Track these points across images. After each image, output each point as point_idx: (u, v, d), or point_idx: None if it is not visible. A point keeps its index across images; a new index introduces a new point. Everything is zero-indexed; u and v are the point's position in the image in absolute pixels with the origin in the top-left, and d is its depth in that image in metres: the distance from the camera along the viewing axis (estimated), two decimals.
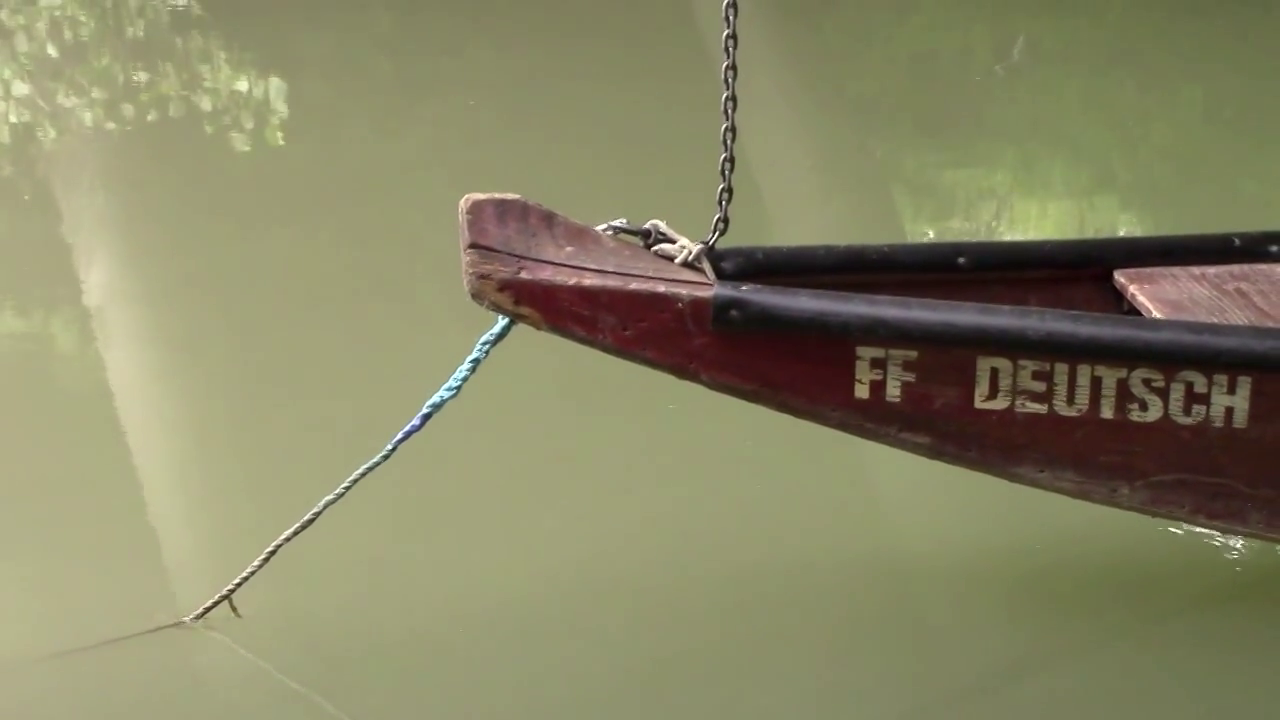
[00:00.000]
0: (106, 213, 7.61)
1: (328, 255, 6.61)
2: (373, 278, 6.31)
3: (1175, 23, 10.23)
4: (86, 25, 10.39)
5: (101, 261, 6.96)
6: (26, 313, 6.31)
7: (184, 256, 6.65)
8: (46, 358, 5.95)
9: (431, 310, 5.73)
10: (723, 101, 3.48)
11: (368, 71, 9.52)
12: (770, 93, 9.24)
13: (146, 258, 6.89)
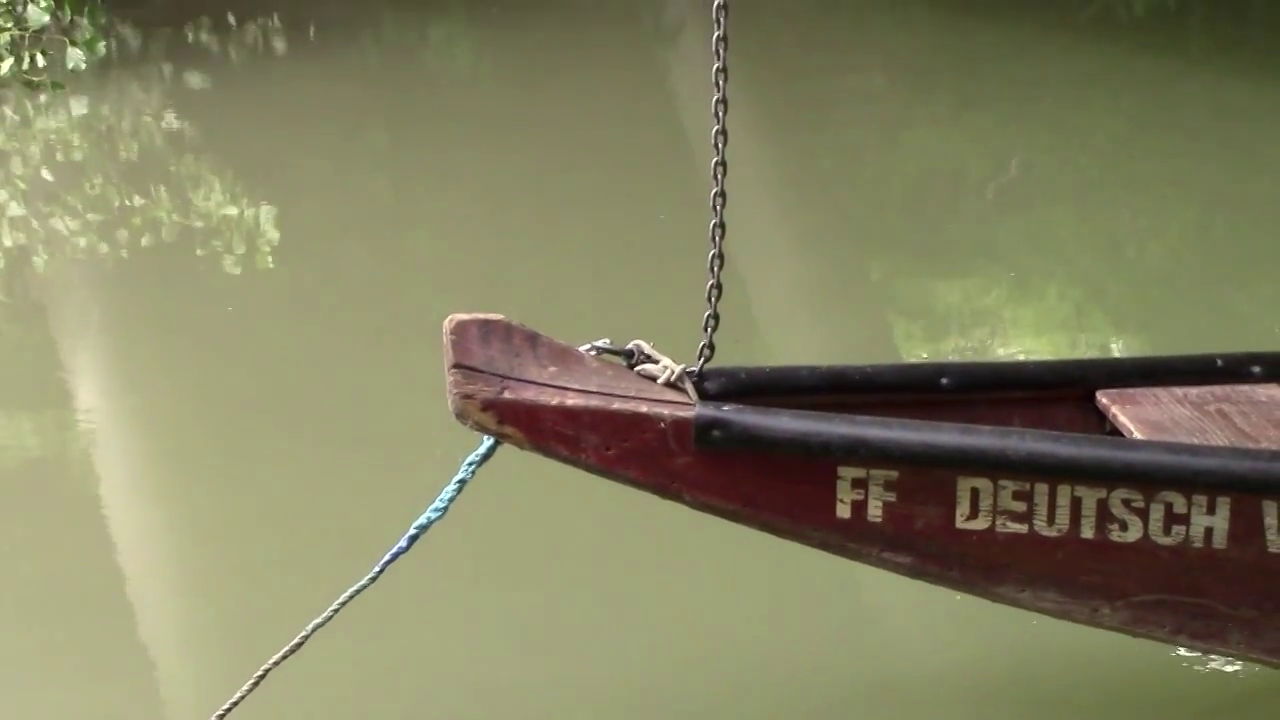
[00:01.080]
0: (98, 335, 7.70)
1: (316, 375, 6.69)
2: (362, 397, 6.38)
3: (1167, 143, 10.37)
4: (80, 149, 10.54)
5: (92, 383, 7.04)
6: (19, 432, 6.38)
7: (174, 378, 6.73)
8: (37, 476, 6.02)
9: (421, 429, 5.80)
10: (710, 228, 3.57)
11: (362, 192, 9.64)
12: (764, 213, 9.37)
13: (137, 379, 6.97)
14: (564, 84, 11.71)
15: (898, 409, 3.69)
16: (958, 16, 13.51)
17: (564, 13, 14.14)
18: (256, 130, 10.68)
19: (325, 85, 11.73)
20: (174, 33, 12.60)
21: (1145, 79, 11.62)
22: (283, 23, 13.15)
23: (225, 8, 12.94)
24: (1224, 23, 13.44)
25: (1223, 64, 11.95)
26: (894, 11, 14.05)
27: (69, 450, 6.32)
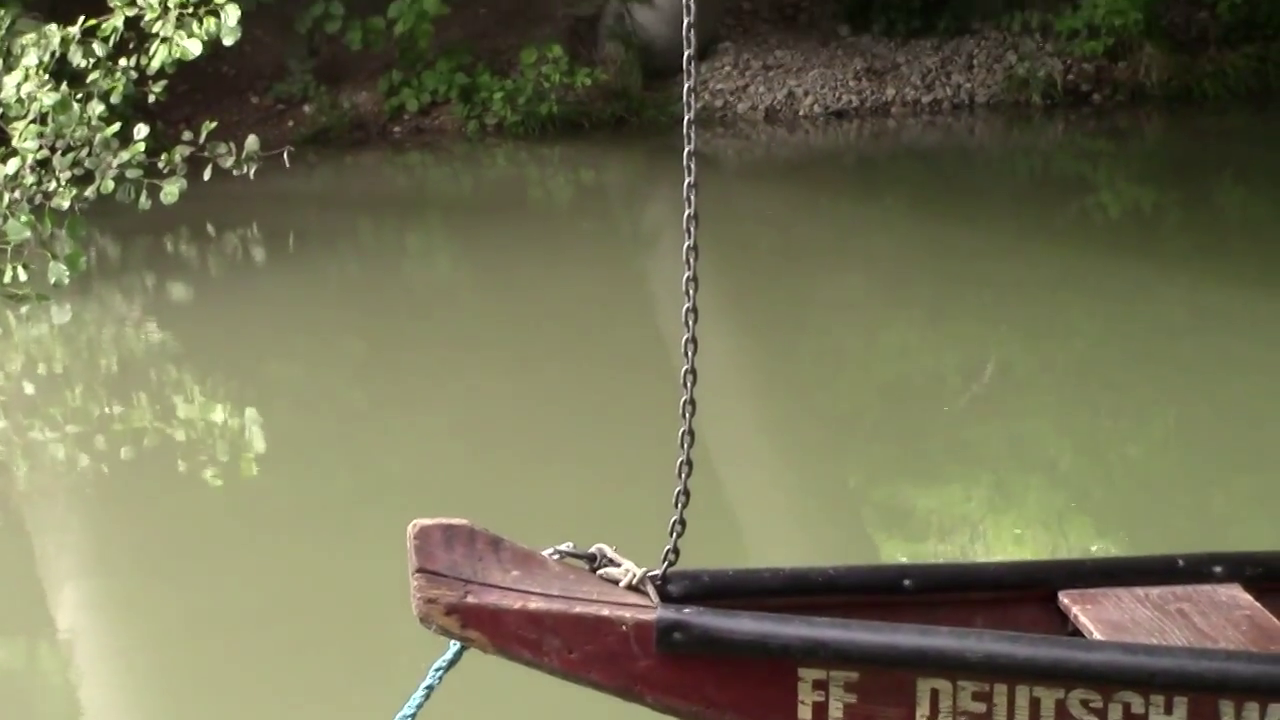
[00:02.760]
0: (78, 547, 7.79)
1: (287, 582, 6.78)
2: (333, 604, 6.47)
3: (1145, 345, 10.54)
4: (61, 360, 10.69)
5: (72, 596, 7.12)
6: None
7: (154, 589, 6.81)
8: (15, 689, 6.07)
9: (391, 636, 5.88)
10: (679, 435, 3.71)
11: (339, 399, 9.79)
12: (741, 415, 9.52)
13: (117, 591, 7.05)
14: (541, 290, 11.91)
15: (860, 610, 3.79)
16: (935, 221, 13.80)
17: (542, 220, 14.44)
18: (236, 339, 10.86)
19: (304, 293, 11.93)
20: (154, 242, 12.83)
21: (1122, 281, 11.84)
22: (261, 232, 13.40)
23: (204, 218, 13.18)
24: (1199, 226, 13.71)
25: (1199, 266, 12.18)
26: (872, 216, 14.35)
27: (48, 669, 6.38)
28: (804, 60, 17.08)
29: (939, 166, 16.01)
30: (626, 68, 16.64)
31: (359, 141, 16.16)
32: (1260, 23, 17.14)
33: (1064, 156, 16.42)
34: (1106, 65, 16.95)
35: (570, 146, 16.05)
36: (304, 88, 16.26)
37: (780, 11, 18.05)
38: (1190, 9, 17.59)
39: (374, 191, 15.21)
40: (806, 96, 16.75)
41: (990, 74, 16.96)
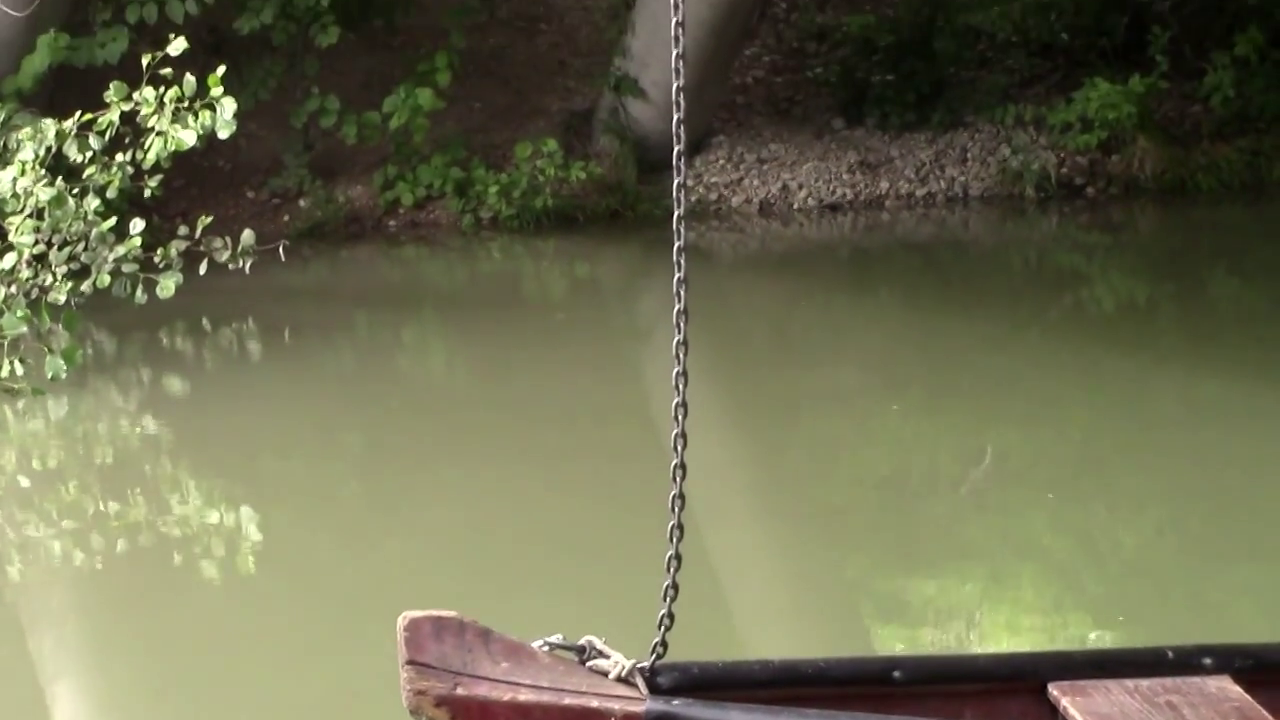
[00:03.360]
0: (73, 643, 7.83)
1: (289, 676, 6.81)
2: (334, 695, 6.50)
3: (1140, 436, 10.62)
4: (57, 455, 10.75)
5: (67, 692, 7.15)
6: None
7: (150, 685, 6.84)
8: None
9: None
10: (669, 529, 3.76)
11: (335, 495, 9.85)
12: (735, 506, 9.59)
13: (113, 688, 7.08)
14: (536, 383, 12.01)
15: (850, 702, 3.84)
16: (929, 313, 13.91)
17: (537, 313, 14.54)
18: (232, 433, 10.92)
19: (300, 387, 12.01)
20: (149, 337, 12.91)
21: (1117, 373, 11.95)
22: (257, 326, 13.49)
23: (200, 312, 13.27)
24: (1194, 318, 13.83)
25: (1193, 358, 12.28)
26: (866, 308, 14.46)
27: None
28: (798, 153, 17.23)
29: (933, 259, 16.13)
30: (621, 161, 16.78)
31: (354, 235, 16.27)
32: (1253, 116, 17.31)
33: (1058, 249, 16.55)
34: (1100, 158, 17.10)
35: (565, 240, 16.17)
36: (299, 182, 16.40)
37: (774, 105, 18.22)
38: (1183, 103, 17.76)
39: (369, 285, 15.31)
40: (800, 189, 16.90)
41: (984, 167, 17.12)
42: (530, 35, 18.67)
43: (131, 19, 15.46)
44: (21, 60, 15.01)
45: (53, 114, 13.10)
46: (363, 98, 16.90)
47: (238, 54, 16.20)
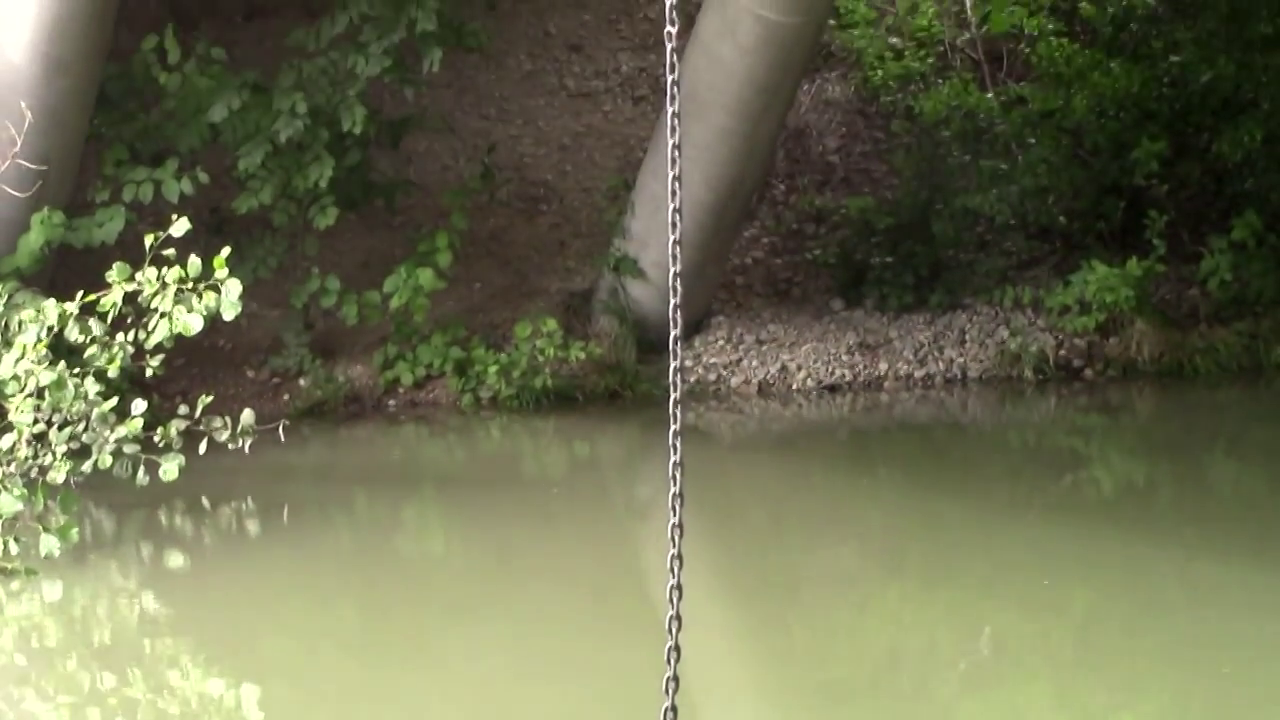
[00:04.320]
0: None
1: None
2: None
3: (1139, 618, 10.73)
4: (55, 634, 10.87)
5: None
6: None
7: None
8: None
9: None
10: (662, 711, 3.90)
11: (335, 672, 9.98)
12: (734, 685, 9.69)
13: None
14: (535, 562, 12.17)
15: None
16: (928, 494, 14.07)
17: (536, 493, 14.70)
18: (231, 611, 11.06)
19: (299, 565, 12.15)
20: (148, 515, 13.08)
21: (1115, 555, 12.08)
22: (256, 505, 13.66)
23: (199, 491, 13.44)
24: (1192, 500, 13.99)
25: (1192, 540, 12.43)
26: (864, 488, 14.63)
27: None
28: (797, 334, 17.46)
29: (932, 440, 16.32)
30: (620, 341, 17.01)
31: (354, 414, 16.49)
32: (1250, 300, 17.55)
33: (1056, 431, 16.73)
34: (1098, 341, 17.33)
35: (564, 419, 16.38)
36: (300, 361, 16.64)
37: (773, 286, 18.48)
38: (1180, 286, 18.02)
39: (369, 464, 15.49)
40: (799, 370, 17.11)
41: (983, 349, 17.33)
42: (531, 216, 19.01)
43: (127, 198, 15.80)
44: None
45: (54, 293, 13.36)
46: (363, 277, 17.19)
47: (238, 233, 16.52)
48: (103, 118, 16.28)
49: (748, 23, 15.66)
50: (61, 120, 15.41)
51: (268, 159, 16.00)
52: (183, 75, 16.34)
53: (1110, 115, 18.81)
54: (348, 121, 15.91)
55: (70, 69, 15.29)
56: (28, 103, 14.80)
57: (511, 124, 20.01)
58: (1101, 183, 18.61)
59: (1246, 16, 18.67)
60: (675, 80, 4.24)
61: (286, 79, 16.19)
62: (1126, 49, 19.69)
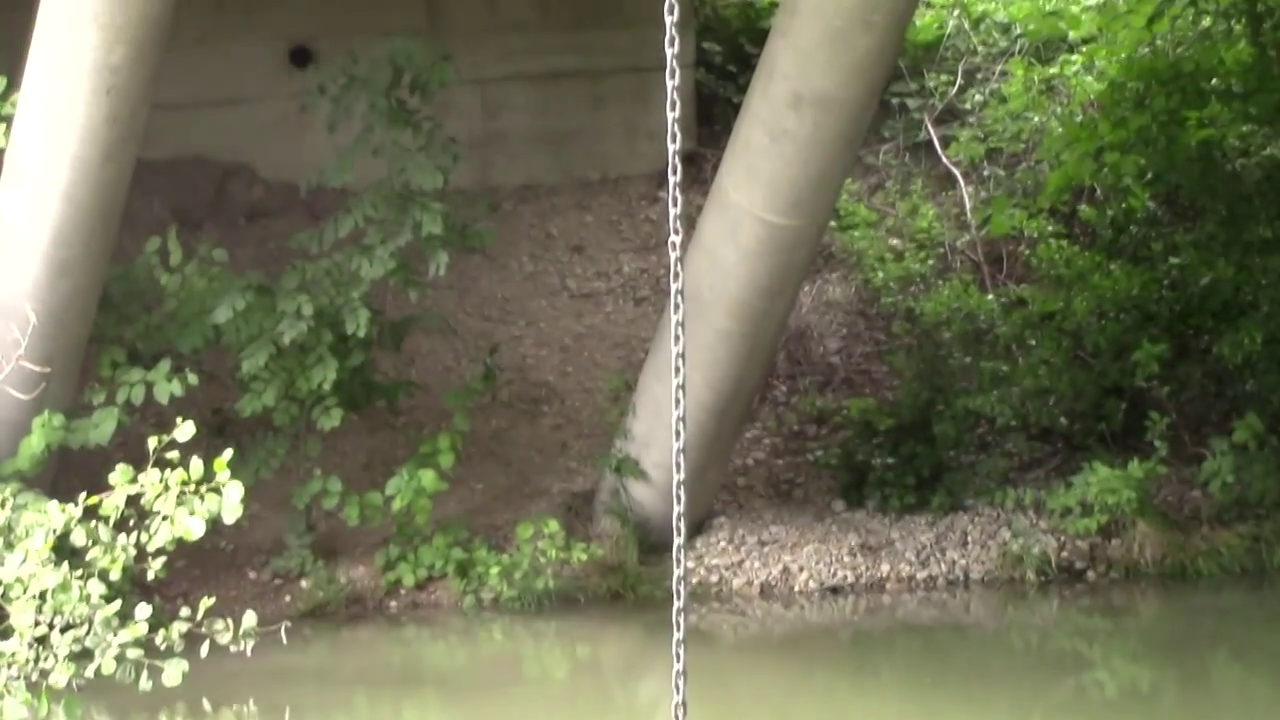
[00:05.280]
0: None
1: None
2: None
3: None
4: None
5: None
6: None
7: None
8: None
9: None
10: None
11: None
12: None
13: None
14: None
15: None
16: (931, 696, 14.26)
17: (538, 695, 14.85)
18: None
19: None
20: (150, 719, 13.23)
21: None
22: (258, 708, 13.88)
23: (200, 693, 13.60)
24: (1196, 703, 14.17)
25: None
26: (867, 691, 14.81)
27: None
28: (799, 536, 17.66)
29: (935, 643, 16.46)
30: (622, 543, 17.20)
31: (355, 616, 16.64)
32: (1253, 502, 17.75)
33: (1059, 633, 16.88)
34: (1100, 543, 17.50)
35: (566, 621, 16.54)
36: (301, 563, 16.83)
37: (775, 487, 18.70)
38: (1182, 487, 18.23)
39: (371, 666, 15.64)
40: (801, 572, 17.29)
41: (985, 550, 17.51)
42: (533, 417, 19.31)
43: (120, 399, 16.02)
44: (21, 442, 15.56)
45: (56, 494, 13.64)
46: (364, 478, 17.45)
47: (240, 434, 16.79)
48: (105, 319, 16.58)
49: (749, 225, 16.04)
50: (64, 323, 15.72)
51: (271, 361, 16.25)
52: (183, 276, 16.67)
53: (1111, 317, 19.19)
54: (351, 324, 16.20)
55: (74, 272, 15.60)
56: (31, 305, 15.17)
57: (514, 325, 20.40)
58: (1102, 384, 18.89)
59: (1245, 220, 19.12)
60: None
61: (290, 280, 16.51)
62: (1126, 251, 20.15)
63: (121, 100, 14.90)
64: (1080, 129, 20.13)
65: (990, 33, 24.39)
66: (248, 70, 22.02)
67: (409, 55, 16.51)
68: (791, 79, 15.27)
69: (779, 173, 15.70)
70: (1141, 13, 19.94)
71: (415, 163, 16.41)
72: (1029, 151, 22.27)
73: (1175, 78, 19.60)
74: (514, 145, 22.92)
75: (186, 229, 18.39)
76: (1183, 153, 19.22)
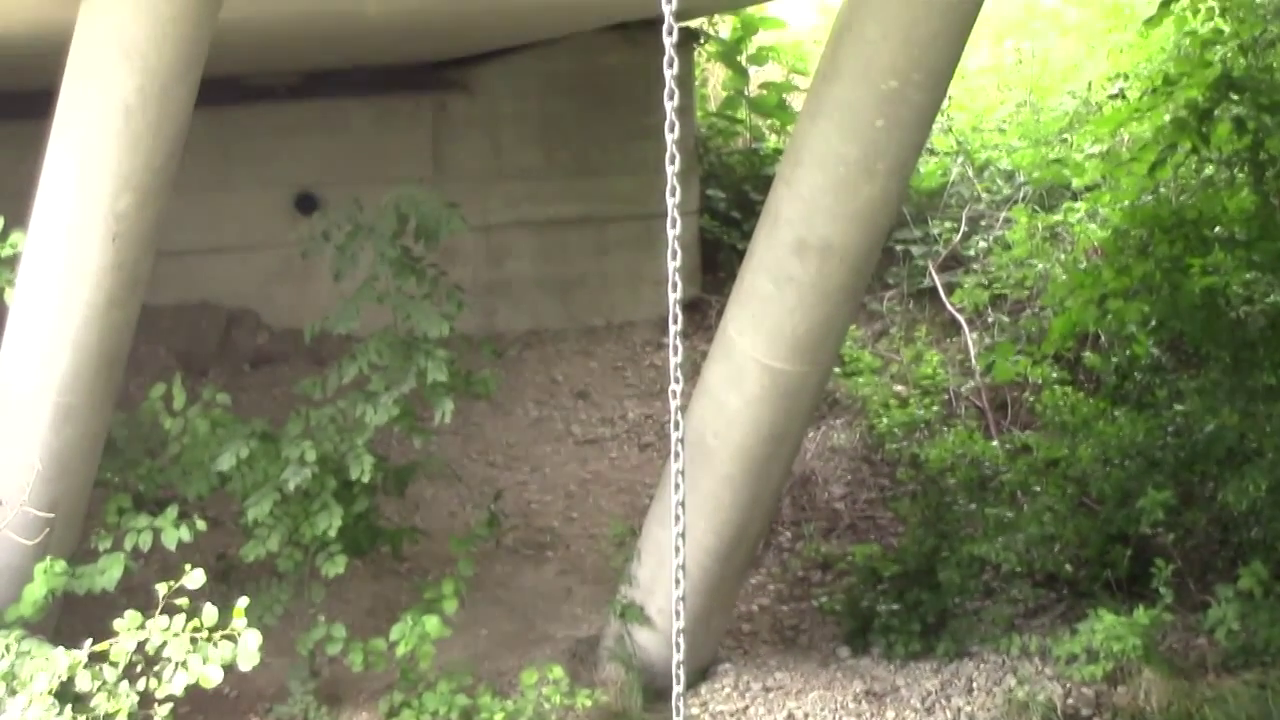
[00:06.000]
0: None
1: None
2: None
3: None
4: None
5: None
6: None
7: None
8: None
9: None
10: None
11: None
12: None
13: None
14: None
15: None
16: None
17: None
18: None
19: None
20: None
21: None
22: None
23: None
24: None
25: None
26: None
27: None
28: (804, 682, 17.75)
29: None
30: (627, 689, 17.27)
31: None
32: (1259, 649, 17.84)
33: None
34: (1106, 689, 17.57)
35: None
36: (305, 709, 16.93)
37: (780, 634, 18.82)
38: (1188, 635, 18.34)
39: None
40: (807, 719, 17.34)
41: (990, 697, 17.60)
42: (537, 563, 19.46)
43: (128, 546, 16.18)
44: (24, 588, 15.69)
45: (59, 639, 13.76)
46: (368, 624, 17.57)
47: (244, 580, 16.92)
48: (109, 464, 16.76)
49: (754, 371, 16.26)
50: (68, 468, 15.88)
51: (275, 507, 16.42)
52: (185, 420, 16.86)
53: (1115, 464, 19.39)
54: (356, 470, 16.39)
55: (78, 417, 15.76)
56: (36, 450, 15.35)
57: (518, 470, 20.61)
58: (1108, 531, 19.06)
59: (1250, 367, 19.35)
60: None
61: (294, 427, 16.72)
62: (1131, 398, 20.40)
63: (127, 247, 15.12)
64: (1084, 276, 20.44)
65: (994, 180, 24.84)
66: (253, 217, 22.43)
67: (415, 203, 16.80)
68: (795, 225, 15.56)
69: (783, 319, 15.95)
70: (1144, 160, 20.29)
71: (420, 310, 16.65)
72: (1033, 298, 22.62)
73: (1178, 225, 19.93)
74: (518, 291, 23.28)
75: (192, 374, 18.66)
76: (1186, 300, 19.50)
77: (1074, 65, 26.02)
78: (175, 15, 14.09)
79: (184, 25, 14.15)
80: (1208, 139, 19.43)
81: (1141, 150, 20.66)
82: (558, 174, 23.46)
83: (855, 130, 14.99)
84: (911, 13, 14.37)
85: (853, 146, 15.02)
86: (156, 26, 14.07)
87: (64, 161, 15.09)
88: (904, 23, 14.40)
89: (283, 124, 22.71)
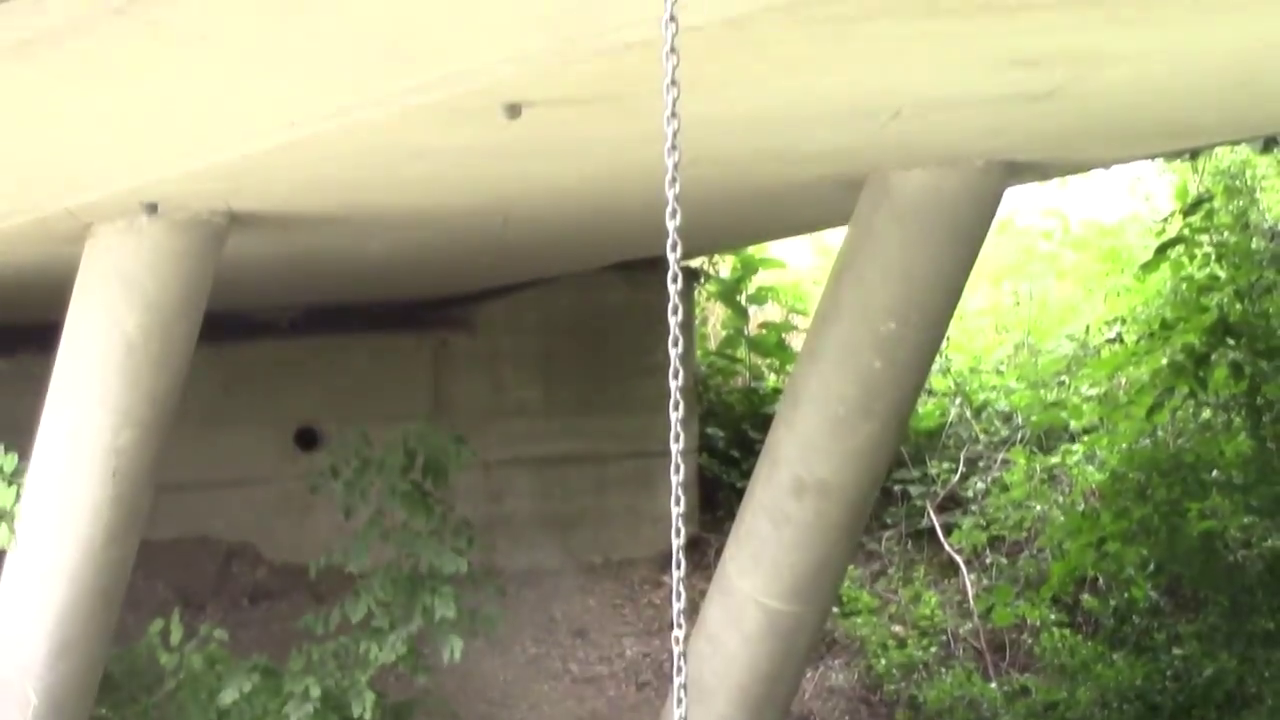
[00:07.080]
0: None
1: None
2: None
3: None
4: None
5: None
6: None
7: None
8: None
9: None
10: None
11: None
12: None
13: None
14: None
15: None
16: None
17: None
18: None
19: None
20: None
21: None
22: None
23: None
24: None
25: None
26: None
27: None
28: None
29: None
30: None
31: None
32: None
33: None
34: None
35: None
36: None
37: None
38: None
39: None
40: None
41: None
42: None
43: None
44: None
45: None
46: None
47: None
48: (105, 700, 16.74)
49: (751, 610, 16.36)
50: (63, 703, 15.88)
51: None
52: (181, 655, 16.87)
53: (1114, 707, 19.46)
54: (358, 707, 16.41)
55: (74, 652, 15.80)
56: (31, 685, 15.36)
57: (516, 708, 20.62)
58: None
59: (1248, 612, 19.50)
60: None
61: (297, 663, 16.75)
62: (1129, 641, 20.51)
63: (127, 482, 15.25)
64: (1082, 519, 20.66)
65: (992, 421, 25.12)
66: (253, 452, 22.64)
67: (422, 438, 16.99)
68: (794, 465, 15.76)
69: (781, 558, 16.09)
70: (1142, 404, 20.60)
71: (430, 546, 16.73)
72: (1031, 540, 22.79)
73: (1176, 469, 20.19)
74: (517, 528, 23.43)
75: (190, 610, 18.74)
76: (1184, 544, 19.69)
77: (1071, 307, 26.44)
78: (179, 251, 14.40)
79: (188, 261, 14.45)
80: (1205, 383, 19.77)
81: (1139, 394, 20.99)
82: (558, 411, 23.69)
83: (854, 371, 15.25)
84: (910, 255, 14.69)
85: (851, 387, 15.26)
86: (160, 262, 14.36)
87: (66, 394, 15.30)
88: (903, 265, 14.71)
89: (284, 359, 22.98)
